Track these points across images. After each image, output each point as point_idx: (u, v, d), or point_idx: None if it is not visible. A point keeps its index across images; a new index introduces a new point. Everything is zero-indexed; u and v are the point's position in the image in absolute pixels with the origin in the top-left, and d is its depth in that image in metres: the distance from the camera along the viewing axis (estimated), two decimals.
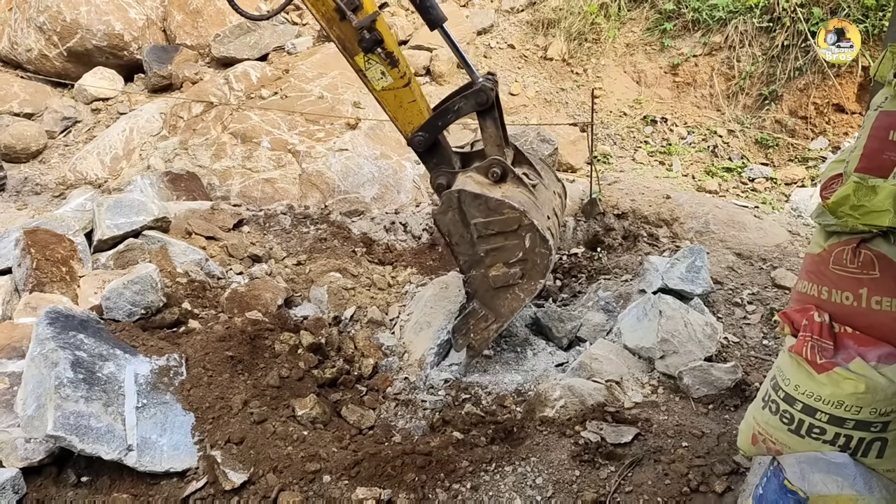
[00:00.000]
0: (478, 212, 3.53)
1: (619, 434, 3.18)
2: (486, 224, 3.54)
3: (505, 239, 3.57)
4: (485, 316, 3.78)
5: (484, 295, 3.74)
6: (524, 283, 3.65)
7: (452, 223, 3.60)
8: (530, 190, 3.69)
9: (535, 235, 3.50)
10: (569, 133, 7.15)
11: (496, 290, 3.70)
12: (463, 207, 3.54)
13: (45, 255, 4.03)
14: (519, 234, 3.53)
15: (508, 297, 3.71)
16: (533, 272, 3.61)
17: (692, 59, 8.00)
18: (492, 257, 3.63)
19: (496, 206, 3.50)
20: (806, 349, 2.16)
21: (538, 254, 3.55)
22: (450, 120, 3.70)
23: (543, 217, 3.66)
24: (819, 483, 2.05)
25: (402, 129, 3.75)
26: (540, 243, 3.52)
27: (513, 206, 3.47)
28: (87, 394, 3.00)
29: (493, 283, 3.67)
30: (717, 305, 4.40)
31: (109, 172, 7.07)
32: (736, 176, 7.11)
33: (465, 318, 3.83)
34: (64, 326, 3.24)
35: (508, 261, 3.61)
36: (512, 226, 3.51)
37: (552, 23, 8.68)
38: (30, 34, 8.68)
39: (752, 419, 2.44)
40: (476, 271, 3.69)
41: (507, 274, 3.64)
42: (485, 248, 3.61)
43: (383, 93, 3.64)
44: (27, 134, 7.74)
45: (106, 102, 8.50)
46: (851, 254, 2.15)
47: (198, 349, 3.61)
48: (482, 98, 3.58)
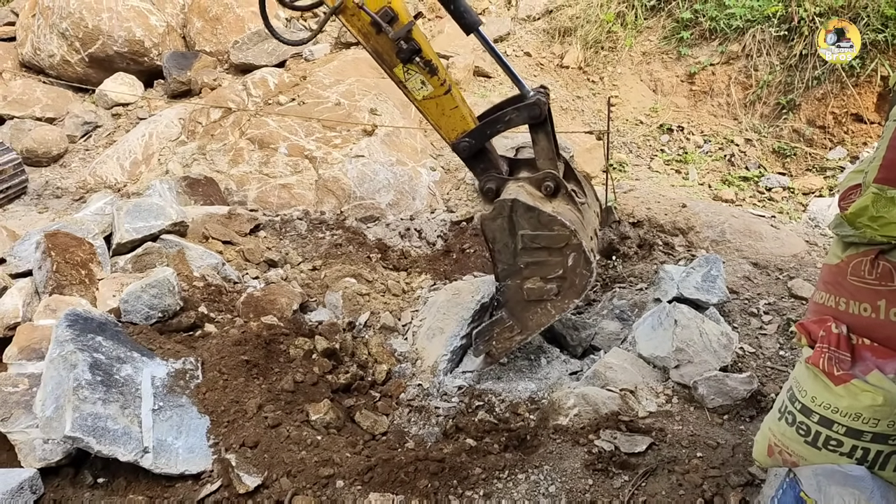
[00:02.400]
0: (528, 224, 3.50)
1: (633, 443, 3.16)
2: (533, 237, 3.52)
3: (549, 254, 3.54)
4: (511, 326, 3.76)
5: (515, 306, 3.71)
6: (558, 300, 3.63)
7: (499, 230, 3.57)
8: (579, 209, 3.67)
9: (580, 256, 3.49)
10: (584, 141, 7.14)
11: (528, 303, 3.68)
12: (514, 217, 3.51)
13: (64, 257, 4.08)
14: (563, 252, 3.51)
15: (539, 311, 3.69)
16: (570, 291, 3.59)
17: (709, 67, 7.98)
18: (531, 270, 3.60)
19: (548, 221, 3.47)
20: (823, 360, 2.14)
21: (579, 274, 3.53)
22: (499, 130, 3.67)
23: (588, 238, 3.63)
24: (836, 496, 2.03)
25: (447, 136, 3.72)
26: (583, 264, 3.51)
27: (564, 223, 3.45)
28: (104, 396, 3.03)
29: (526, 295, 3.65)
30: (733, 315, 4.37)
31: (129, 177, 7.16)
32: (753, 185, 7.06)
33: (491, 325, 3.81)
34: (83, 329, 3.28)
35: (547, 276, 3.59)
36: (559, 243, 3.50)
37: (569, 31, 8.69)
38: (52, 40, 8.81)
39: (769, 430, 2.42)
40: (512, 281, 3.66)
41: (542, 289, 3.62)
42: (526, 260, 3.59)
43: (425, 102, 3.62)
44: (49, 138, 7.86)
45: (126, 108, 8.61)
46: (870, 265, 2.14)
47: (213, 353, 3.64)
48: (535, 112, 3.54)
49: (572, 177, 4.00)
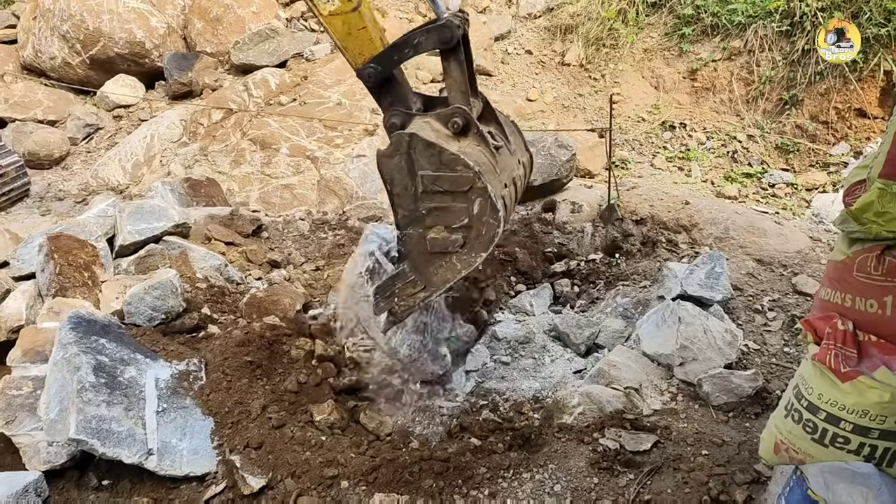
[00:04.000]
0: (428, 163, 3.14)
1: (637, 441, 3.15)
2: (434, 178, 3.17)
3: (452, 199, 3.18)
4: (414, 281, 3.41)
5: (417, 258, 3.36)
6: (463, 253, 3.27)
7: (397, 170, 3.22)
8: (492, 151, 3.31)
9: (486, 202, 3.12)
10: (587, 139, 7.12)
11: (431, 255, 3.33)
12: (412, 154, 3.16)
13: (67, 260, 4.08)
14: (468, 197, 3.15)
15: (444, 265, 3.33)
16: (476, 243, 3.23)
17: (711, 63, 7.96)
18: (433, 217, 3.25)
19: (450, 160, 3.10)
20: (829, 357, 2.13)
21: (485, 223, 3.16)
22: (406, 55, 3.26)
23: (500, 184, 3.28)
24: (843, 493, 2.02)
25: (353, 60, 3.32)
26: (490, 212, 3.13)
27: (468, 164, 3.08)
28: (108, 398, 3.03)
29: (429, 246, 3.29)
30: (737, 312, 4.35)
31: (131, 178, 7.16)
32: (756, 181, 7.04)
33: (392, 280, 3.45)
34: (86, 331, 3.28)
35: (451, 224, 3.23)
36: (463, 186, 3.13)
37: (570, 28, 8.68)
38: (53, 42, 8.82)
39: (775, 428, 2.41)
40: (413, 230, 3.31)
41: (446, 239, 3.26)
42: (428, 205, 3.23)
43: (330, 18, 3.24)
44: (50, 141, 7.87)
45: (127, 109, 8.62)
46: (875, 261, 2.12)
47: (217, 354, 3.64)
48: (445, 35, 3.12)
49: (493, 119, 3.61)
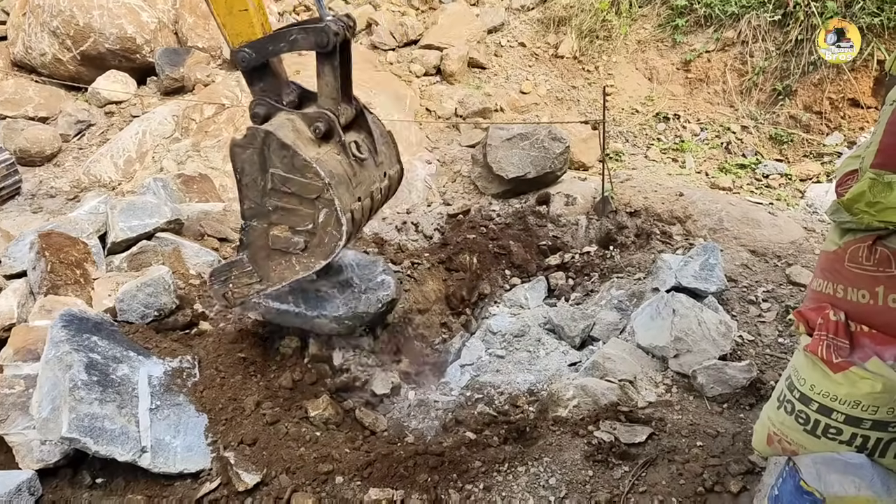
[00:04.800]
0: (280, 163, 3.13)
1: (632, 434, 3.16)
2: (283, 179, 3.15)
3: (299, 203, 3.18)
4: (251, 272, 3.41)
5: (258, 252, 3.35)
6: (304, 256, 3.28)
7: (249, 162, 3.19)
8: (351, 163, 3.30)
9: (332, 214, 3.14)
10: (580, 131, 7.11)
11: (272, 251, 3.33)
12: (265, 151, 3.14)
13: (59, 257, 4.06)
14: (315, 205, 3.15)
15: (283, 263, 3.34)
16: (317, 250, 3.24)
17: (704, 55, 7.94)
18: (279, 216, 3.24)
19: (302, 166, 3.09)
20: (821, 348, 2.13)
21: (328, 233, 3.18)
22: (281, 49, 3.24)
23: (351, 198, 3.28)
24: (836, 484, 2.03)
25: (230, 39, 3.28)
26: (334, 224, 3.16)
27: (319, 173, 3.08)
28: (101, 396, 3.02)
29: (271, 242, 3.29)
30: (732, 303, 4.35)
31: (123, 175, 7.12)
32: (750, 172, 7.04)
33: (229, 266, 3.45)
34: (78, 329, 3.27)
35: (295, 227, 3.24)
36: (311, 194, 3.13)
37: (563, 20, 8.64)
38: (43, 38, 8.75)
39: (767, 419, 2.42)
40: (258, 223, 3.29)
41: (288, 240, 3.25)
42: (275, 203, 3.22)
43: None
44: (42, 137, 7.81)
45: (119, 105, 8.56)
46: (867, 251, 2.12)
47: (210, 351, 3.63)
48: (322, 39, 3.11)
49: (364, 128, 3.58)
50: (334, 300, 3.86)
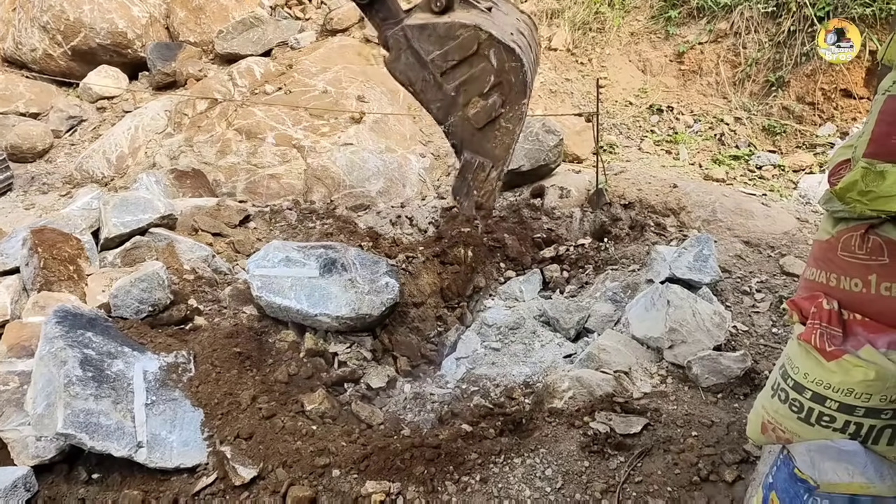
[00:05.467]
0: (430, 45, 3.14)
1: (628, 424, 3.17)
2: (443, 55, 3.15)
3: (470, 66, 3.16)
4: (481, 164, 3.39)
5: (472, 140, 3.34)
6: (508, 111, 3.25)
7: (409, 67, 3.23)
8: (482, 11, 3.27)
9: (500, 48, 3.09)
10: (574, 123, 7.10)
11: (482, 131, 3.31)
12: (413, 45, 3.16)
13: (52, 253, 4.04)
14: (482, 55, 3.11)
15: (498, 133, 3.31)
16: (512, 95, 3.20)
17: (697, 46, 7.94)
18: (464, 93, 3.23)
19: (447, 30, 3.10)
20: (815, 337, 2.13)
21: (511, 70, 3.13)
22: None
23: (505, 32, 3.22)
24: (830, 471, 2.04)
25: None
26: (508, 57, 3.10)
27: (464, 24, 3.08)
28: (96, 392, 3.01)
29: (475, 122, 3.29)
30: (726, 294, 4.37)
31: (115, 171, 7.09)
32: (743, 164, 7.06)
33: (462, 175, 3.44)
34: (72, 325, 3.26)
35: (482, 91, 3.21)
36: (471, 47, 3.11)
37: (556, 13, 8.63)
38: (34, 34, 8.69)
39: (762, 408, 2.43)
40: (454, 116, 3.30)
41: (486, 106, 3.24)
42: (453, 84, 3.22)
43: None
44: (33, 133, 7.77)
45: (111, 101, 8.52)
46: (860, 240, 2.12)
47: (206, 346, 3.62)
48: None
49: None
50: (337, 299, 3.87)
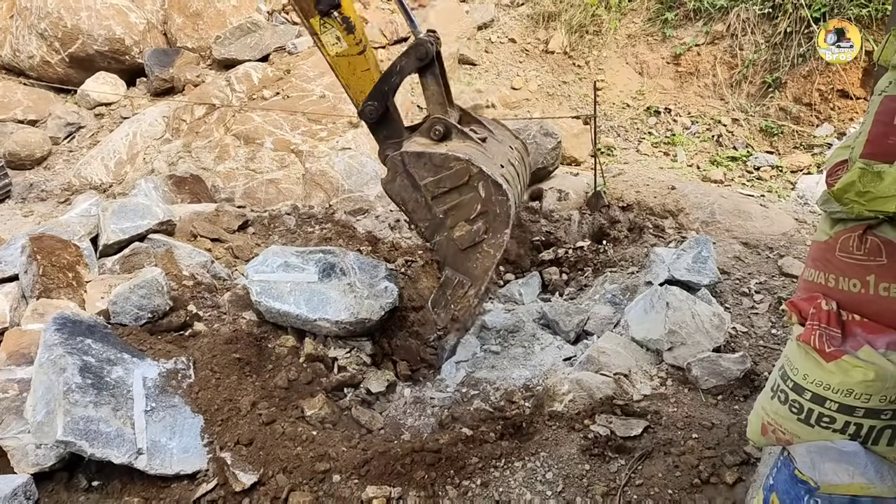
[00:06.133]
0: (425, 171, 3.38)
1: (628, 427, 3.17)
2: (436, 182, 3.38)
3: (459, 194, 3.38)
4: (460, 282, 3.58)
5: (454, 259, 3.55)
6: (490, 237, 3.44)
7: (403, 189, 3.47)
8: (477, 143, 3.52)
9: (488, 183, 3.31)
10: (572, 126, 7.12)
11: (465, 252, 3.51)
12: (409, 170, 3.40)
13: (51, 261, 4.04)
14: (472, 186, 3.34)
15: (479, 256, 3.50)
16: (496, 224, 3.40)
17: (694, 48, 7.96)
18: (451, 217, 3.45)
19: (441, 160, 3.34)
20: (814, 338, 2.13)
21: (496, 202, 3.34)
22: (395, 83, 3.55)
23: (495, 165, 3.47)
24: (830, 472, 2.03)
25: (355, 98, 3.62)
26: (495, 191, 3.32)
27: (458, 157, 3.31)
28: (95, 399, 3.01)
29: (459, 244, 3.48)
30: (725, 296, 4.37)
31: (114, 177, 7.09)
32: (741, 165, 7.06)
33: (441, 289, 3.64)
34: (72, 332, 3.25)
35: (469, 217, 3.42)
36: (462, 178, 3.33)
37: (553, 16, 8.65)
38: (31, 41, 8.70)
39: (762, 409, 2.42)
40: (440, 236, 3.52)
41: (471, 231, 3.44)
42: (442, 208, 3.44)
43: (337, 59, 3.52)
44: (31, 140, 7.77)
45: (109, 107, 8.52)
46: (858, 240, 2.12)
47: (205, 352, 3.62)
48: (421, 52, 3.43)
49: (473, 120, 3.85)
50: (337, 303, 3.94)
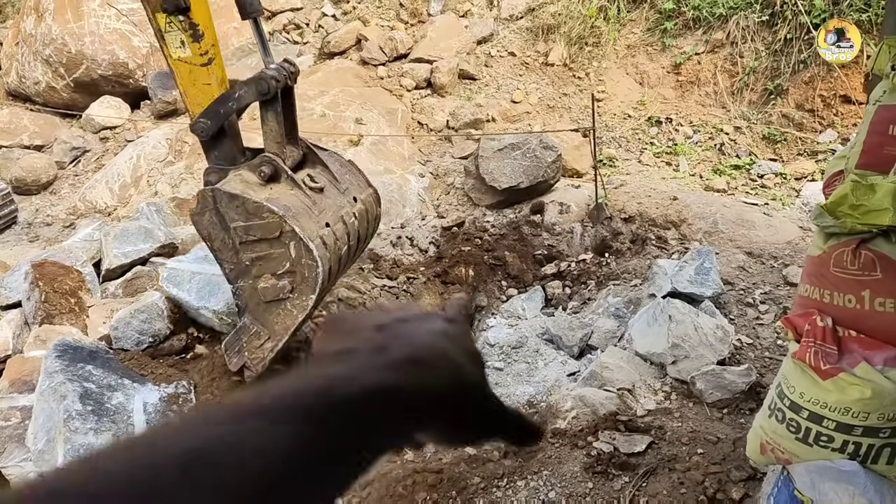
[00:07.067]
0: (237, 214, 3.16)
1: (632, 443, 3.14)
2: (245, 229, 3.17)
3: (270, 247, 3.19)
4: (258, 333, 3.39)
5: (255, 309, 3.35)
6: (295, 298, 3.26)
7: (211, 226, 3.24)
8: (306, 194, 3.32)
9: (300, 244, 3.13)
10: (572, 138, 7.11)
11: (268, 305, 3.32)
12: (220, 209, 3.17)
13: (53, 287, 4.07)
14: (283, 242, 3.15)
15: (281, 312, 3.32)
16: (303, 286, 3.22)
17: (694, 57, 7.95)
18: (258, 267, 3.25)
19: (254, 208, 3.12)
20: (809, 355, 2.11)
21: (305, 265, 3.16)
22: (231, 109, 3.30)
23: (316, 224, 3.27)
24: (829, 492, 2.00)
25: (191, 108, 3.36)
26: (305, 254, 3.14)
27: (272, 209, 3.09)
28: (96, 426, 3.02)
29: (262, 296, 3.28)
30: (729, 307, 4.34)
31: (118, 200, 7.14)
32: (744, 173, 7.02)
33: (238, 334, 3.43)
34: (73, 359, 3.27)
35: (276, 272, 3.23)
36: (273, 232, 3.14)
37: (552, 28, 8.66)
38: (37, 67, 8.80)
39: (760, 428, 2.40)
40: (244, 282, 3.31)
41: (275, 287, 3.25)
42: (250, 255, 3.23)
43: (178, 62, 3.28)
44: (37, 166, 7.84)
45: (113, 131, 8.59)
46: (852, 255, 2.10)
47: (205, 375, 3.63)
48: (262, 87, 3.21)
49: (318, 163, 3.63)
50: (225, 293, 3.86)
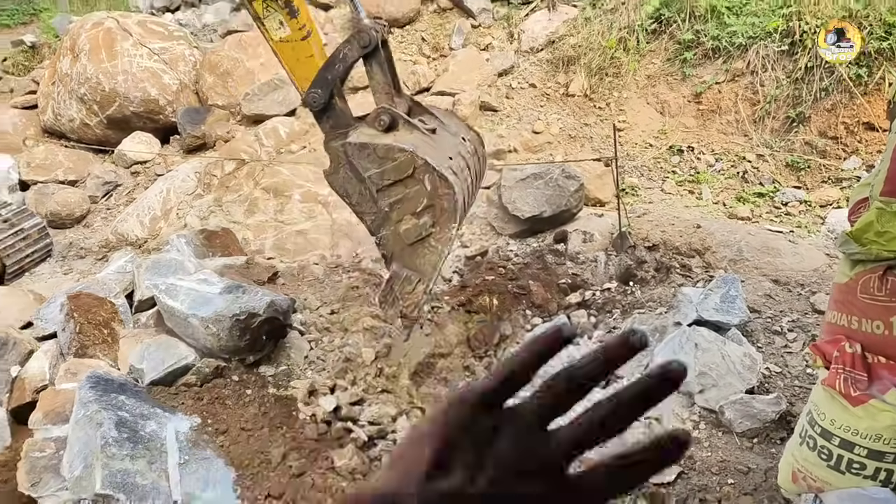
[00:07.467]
0: (369, 163, 3.28)
1: (661, 473, 3.12)
2: (380, 174, 3.28)
3: (405, 187, 3.28)
4: (408, 278, 3.47)
5: (401, 254, 3.45)
6: (437, 232, 3.35)
7: (347, 181, 3.37)
8: (425, 133, 3.41)
9: (434, 175, 3.21)
10: (595, 168, 7.15)
11: (412, 247, 3.41)
12: (352, 161, 3.31)
13: (87, 318, 4.17)
14: (417, 179, 3.24)
15: (426, 251, 3.40)
16: (443, 218, 3.30)
17: (715, 86, 7.99)
18: (397, 211, 3.35)
19: (385, 151, 3.23)
20: (839, 382, 2.10)
21: (443, 196, 3.24)
22: (338, 71, 3.38)
23: (443, 156, 3.36)
24: None
25: (299, 85, 3.49)
26: (441, 184, 3.22)
27: (403, 148, 3.21)
28: (131, 452, 3.08)
29: (405, 238, 3.39)
30: (756, 335, 4.31)
31: (149, 233, 7.30)
32: (768, 201, 7.00)
33: (388, 285, 3.54)
34: (105, 389, 3.35)
35: (415, 210, 3.32)
36: (407, 170, 3.23)
37: (572, 60, 8.78)
38: (72, 105, 9.10)
39: (791, 456, 2.38)
40: (386, 230, 3.41)
41: (417, 225, 3.34)
42: (387, 201, 3.34)
43: (280, 44, 3.42)
44: (71, 200, 8.06)
45: (144, 165, 8.82)
46: (878, 281, 2.11)
47: (228, 405, 3.67)
48: (364, 39, 3.28)
49: (424, 111, 3.73)
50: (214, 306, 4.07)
